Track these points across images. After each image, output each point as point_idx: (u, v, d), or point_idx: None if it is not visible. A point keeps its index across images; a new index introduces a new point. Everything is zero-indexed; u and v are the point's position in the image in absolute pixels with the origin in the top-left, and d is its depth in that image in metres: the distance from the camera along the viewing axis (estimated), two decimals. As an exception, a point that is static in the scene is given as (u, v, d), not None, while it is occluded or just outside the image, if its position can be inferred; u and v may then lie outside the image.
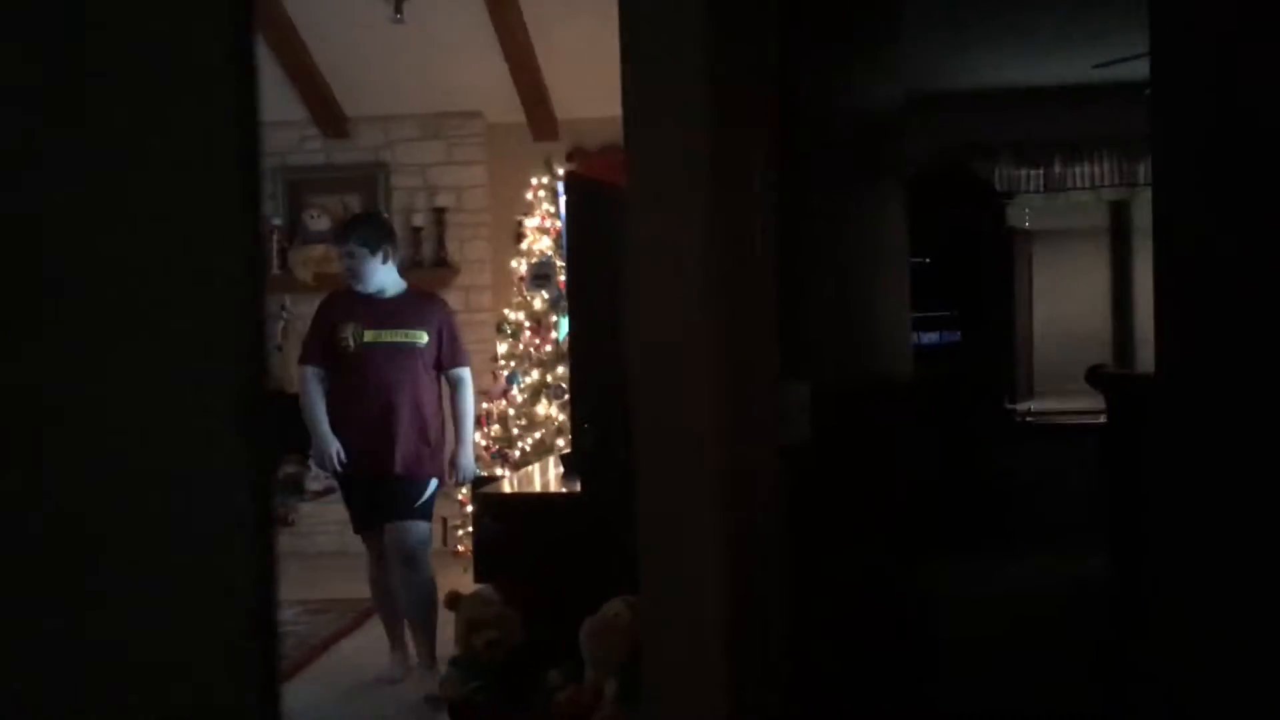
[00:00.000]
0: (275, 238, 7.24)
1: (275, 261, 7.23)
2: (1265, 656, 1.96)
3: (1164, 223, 2.46)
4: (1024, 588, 5.61)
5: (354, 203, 7.36)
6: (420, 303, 4.43)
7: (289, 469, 7.19)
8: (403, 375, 4.24)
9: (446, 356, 4.37)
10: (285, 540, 7.01)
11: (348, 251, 4.27)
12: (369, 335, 4.23)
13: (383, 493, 4.28)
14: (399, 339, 4.26)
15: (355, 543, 7.06)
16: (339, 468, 4.30)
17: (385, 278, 4.31)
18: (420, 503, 4.31)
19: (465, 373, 4.44)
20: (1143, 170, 7.08)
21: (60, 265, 0.71)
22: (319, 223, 7.25)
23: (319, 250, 7.13)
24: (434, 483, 4.39)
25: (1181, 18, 2.30)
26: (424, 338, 4.28)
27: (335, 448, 4.29)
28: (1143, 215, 7.43)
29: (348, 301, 4.35)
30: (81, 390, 0.70)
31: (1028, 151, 7.29)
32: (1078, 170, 7.26)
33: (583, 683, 3.13)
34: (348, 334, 4.21)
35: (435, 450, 4.38)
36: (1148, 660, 3.04)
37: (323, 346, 4.31)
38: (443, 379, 4.43)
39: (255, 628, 0.73)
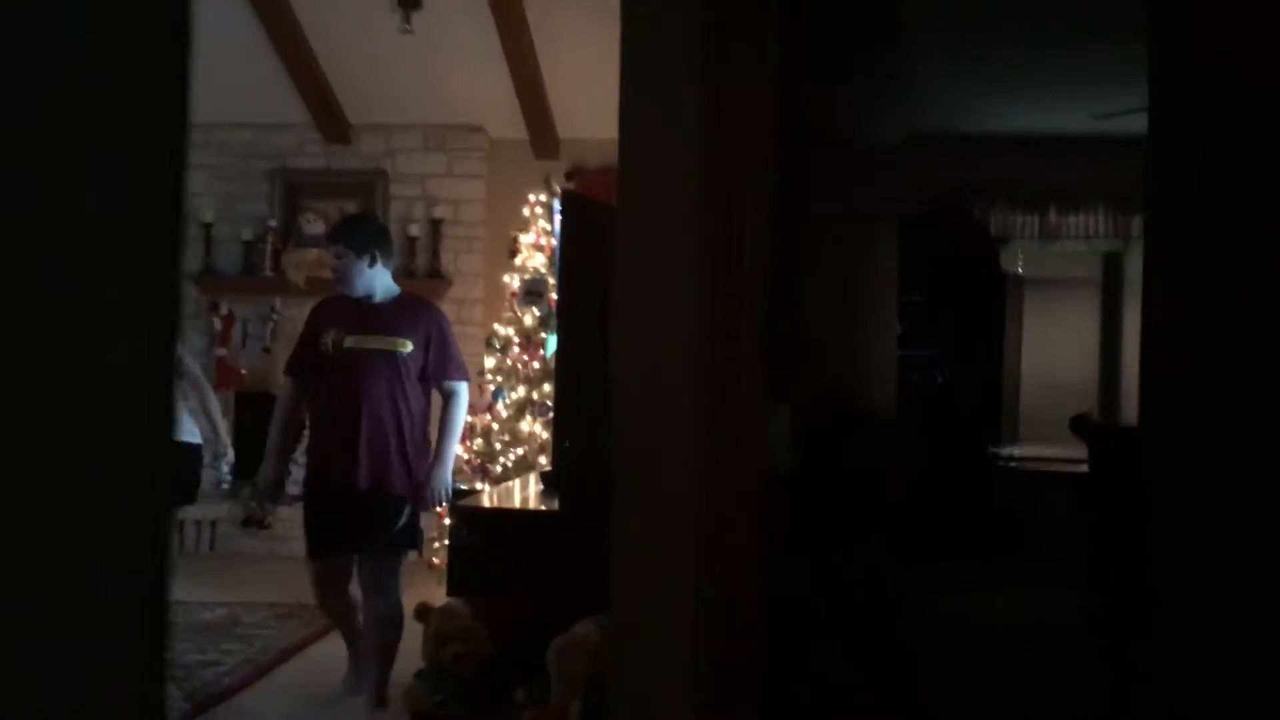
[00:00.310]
0: (270, 239, 7.24)
1: (269, 263, 7.22)
2: (1249, 695, 1.95)
3: (1154, 276, 2.47)
4: (995, 632, 5.60)
5: (351, 209, 7.35)
6: (410, 309, 4.13)
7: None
8: (379, 385, 3.92)
9: (434, 367, 4.04)
10: (260, 543, 6.97)
11: (335, 253, 4.06)
12: (349, 341, 3.96)
13: (351, 514, 3.91)
14: (380, 346, 3.96)
15: (331, 549, 7.06)
16: (260, 503, 4.14)
17: (374, 282, 4.06)
18: (398, 529, 3.96)
19: (458, 386, 4.12)
20: (1137, 223, 7.12)
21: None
22: (314, 227, 7.24)
23: (313, 254, 7.12)
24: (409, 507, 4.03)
25: (1181, 77, 2.32)
26: (408, 346, 3.97)
27: (267, 478, 4.13)
28: (1135, 268, 7.47)
29: (336, 307, 4.13)
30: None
31: (1024, 197, 7.33)
32: (1073, 220, 7.30)
33: (548, 701, 3.11)
34: (328, 339, 3.97)
35: (416, 470, 4.02)
36: (1127, 704, 3.03)
37: (305, 354, 4.09)
38: (437, 393, 4.13)
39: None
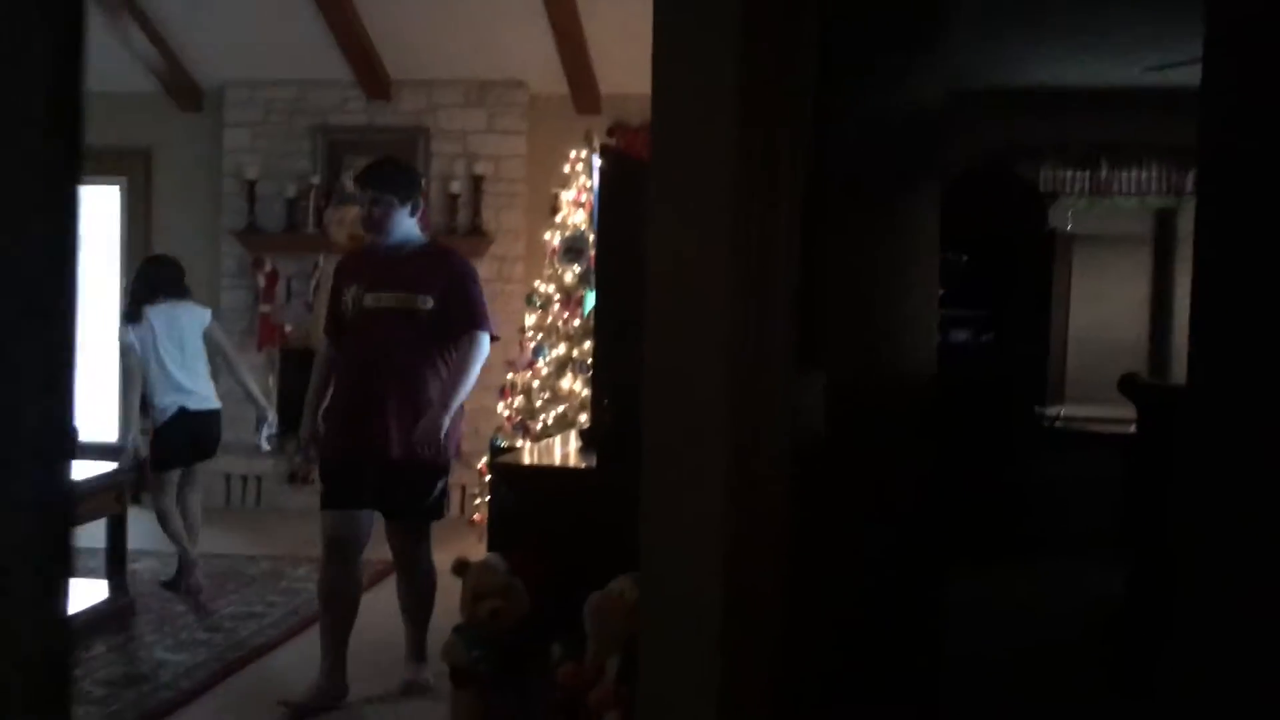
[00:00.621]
0: (313, 196, 7.26)
1: (312, 220, 7.25)
2: None
3: (1206, 232, 2.40)
4: (1042, 597, 5.55)
5: (393, 166, 7.36)
6: (431, 260, 3.82)
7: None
8: (403, 345, 3.70)
9: (456, 319, 3.77)
10: (305, 498, 7.06)
11: (373, 199, 3.75)
12: (369, 299, 3.73)
13: (383, 482, 3.77)
14: (398, 303, 3.71)
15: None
16: (305, 459, 4.02)
17: (411, 230, 3.83)
18: (431, 500, 3.86)
19: (480, 336, 3.81)
20: (1191, 179, 6.95)
21: None
22: (357, 184, 7.25)
23: (354, 211, 7.13)
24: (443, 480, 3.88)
25: (1236, 25, 2.24)
26: (429, 302, 3.70)
27: (305, 435, 3.92)
28: (1188, 225, 7.30)
29: (357, 263, 3.90)
30: None
31: (1074, 154, 7.17)
32: (1124, 175, 7.13)
33: (585, 657, 3.12)
34: (348, 298, 3.77)
35: (447, 438, 3.81)
36: (1170, 675, 2.99)
37: (332, 315, 3.92)
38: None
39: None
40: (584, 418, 5.53)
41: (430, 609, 3.94)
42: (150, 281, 5.33)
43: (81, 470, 4.74)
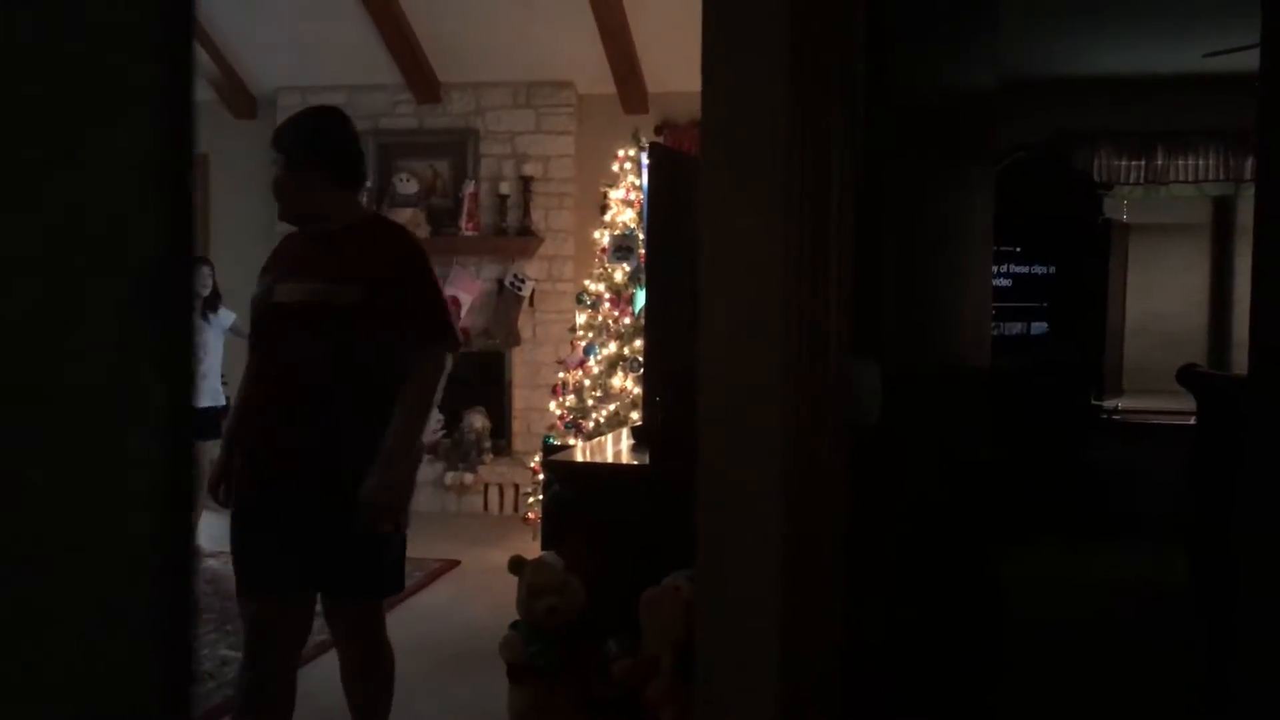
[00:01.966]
0: (366, 200, 7.34)
1: (364, 223, 7.34)
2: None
3: (1266, 220, 2.36)
4: (1102, 588, 5.49)
5: (443, 168, 7.43)
6: (366, 240, 2.79)
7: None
8: (321, 355, 2.67)
9: (405, 322, 2.72)
10: (361, 497, 7.15)
11: (284, 163, 2.82)
12: (280, 292, 2.75)
13: (312, 541, 2.72)
14: (310, 296, 2.68)
15: (430, 502, 7.23)
16: (217, 500, 2.86)
17: (326, 204, 2.80)
18: (385, 562, 2.87)
19: (440, 350, 2.80)
20: (1250, 166, 6.82)
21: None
22: (408, 186, 7.33)
23: (407, 214, 7.21)
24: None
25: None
26: (354, 294, 2.66)
27: (213, 474, 2.89)
28: (1247, 213, 7.17)
29: (285, 246, 2.94)
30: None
31: (1129, 142, 7.06)
32: (1181, 163, 7.02)
33: (640, 653, 3.14)
34: (259, 291, 2.81)
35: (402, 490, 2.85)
36: (1234, 669, 2.95)
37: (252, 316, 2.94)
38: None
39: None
40: (636, 415, 5.55)
41: (389, 705, 3.01)
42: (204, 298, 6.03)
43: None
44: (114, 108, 0.61)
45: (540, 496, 5.72)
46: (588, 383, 6.13)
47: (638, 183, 6.10)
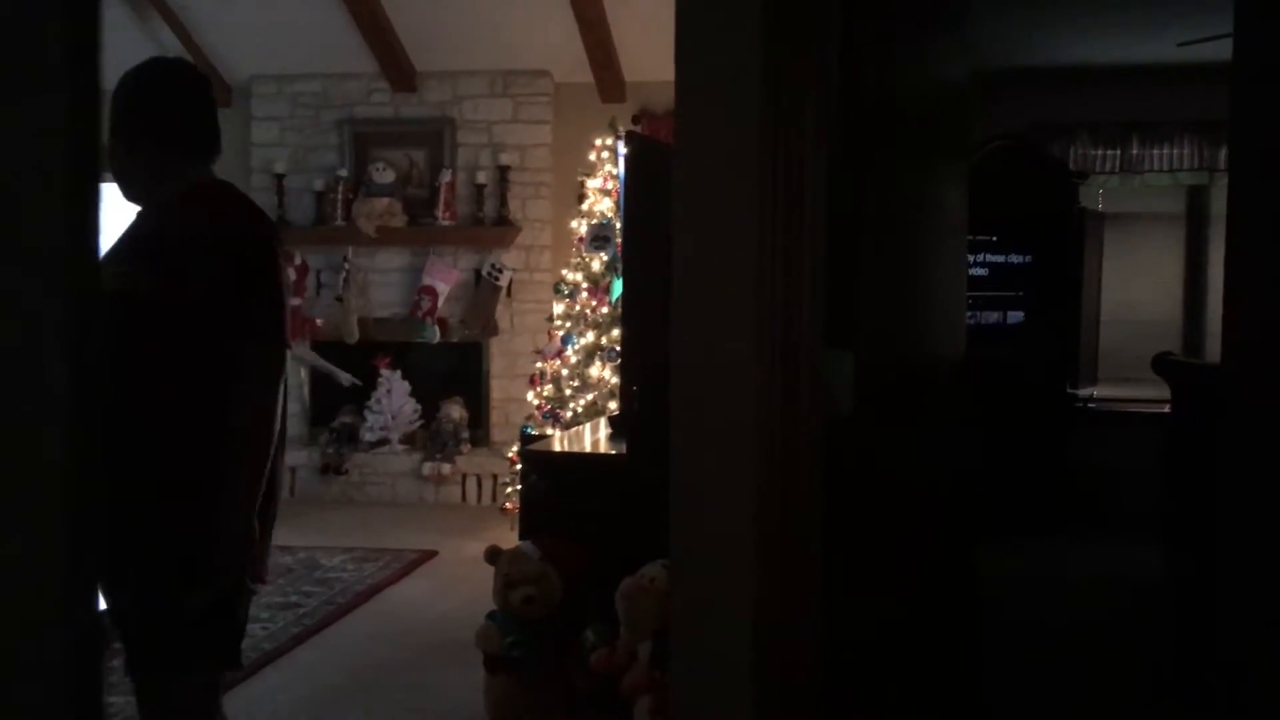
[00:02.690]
0: (341, 189, 7.30)
1: (340, 213, 7.29)
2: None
3: (1239, 210, 2.38)
4: (1078, 576, 5.52)
5: (420, 157, 7.39)
6: (171, 215, 2.31)
7: (345, 419, 7.29)
8: (120, 357, 2.14)
9: (225, 316, 2.18)
10: (338, 489, 7.13)
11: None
12: (104, 278, 2.15)
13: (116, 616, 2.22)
14: (113, 283, 2.14)
15: (407, 493, 7.21)
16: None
17: (145, 175, 2.34)
18: (182, 620, 2.19)
19: (258, 348, 2.22)
20: (1224, 155, 6.86)
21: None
22: (384, 176, 7.29)
23: (383, 203, 7.17)
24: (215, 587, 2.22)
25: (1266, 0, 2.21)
26: (147, 281, 2.18)
27: None
28: (1221, 202, 7.20)
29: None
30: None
31: (1104, 131, 7.09)
32: (1155, 153, 7.05)
33: (617, 643, 3.14)
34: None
35: (208, 512, 2.17)
36: (1213, 656, 2.97)
37: None
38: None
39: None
40: (613, 405, 5.55)
41: None
42: None
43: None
44: (20, 88, 0.61)
45: (518, 487, 5.71)
46: (565, 372, 6.13)
47: (615, 172, 6.08)
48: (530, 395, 6.32)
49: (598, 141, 6.26)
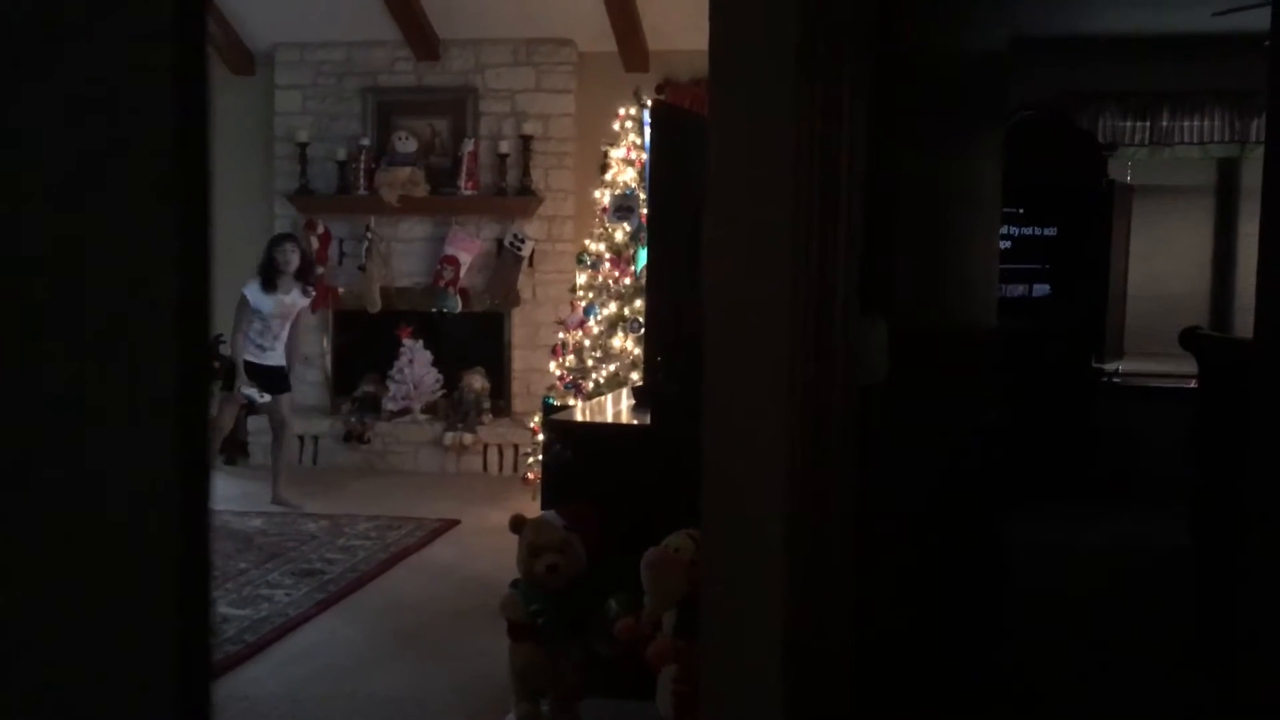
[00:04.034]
0: (364, 158, 7.29)
1: (363, 182, 7.28)
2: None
3: (1274, 182, 2.33)
4: (1100, 548, 5.50)
5: (442, 126, 7.36)
6: None
7: (367, 388, 7.31)
8: None
9: None
10: (360, 457, 7.16)
11: None
12: None
13: None
14: None
15: (429, 462, 7.23)
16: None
17: None
18: None
19: None
20: (1256, 127, 6.76)
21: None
22: (407, 145, 7.27)
23: (405, 172, 7.16)
24: None
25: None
26: None
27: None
28: (1252, 175, 7.11)
29: None
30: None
31: (1134, 102, 6.99)
32: (1186, 124, 6.95)
33: (641, 613, 3.14)
34: None
35: None
36: (1234, 626, 2.95)
37: None
38: None
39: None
40: (636, 376, 5.53)
41: None
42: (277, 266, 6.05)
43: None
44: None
45: (540, 457, 5.71)
46: (588, 343, 6.11)
47: (639, 141, 6.04)
48: (552, 366, 6.31)
49: (621, 111, 6.22)
